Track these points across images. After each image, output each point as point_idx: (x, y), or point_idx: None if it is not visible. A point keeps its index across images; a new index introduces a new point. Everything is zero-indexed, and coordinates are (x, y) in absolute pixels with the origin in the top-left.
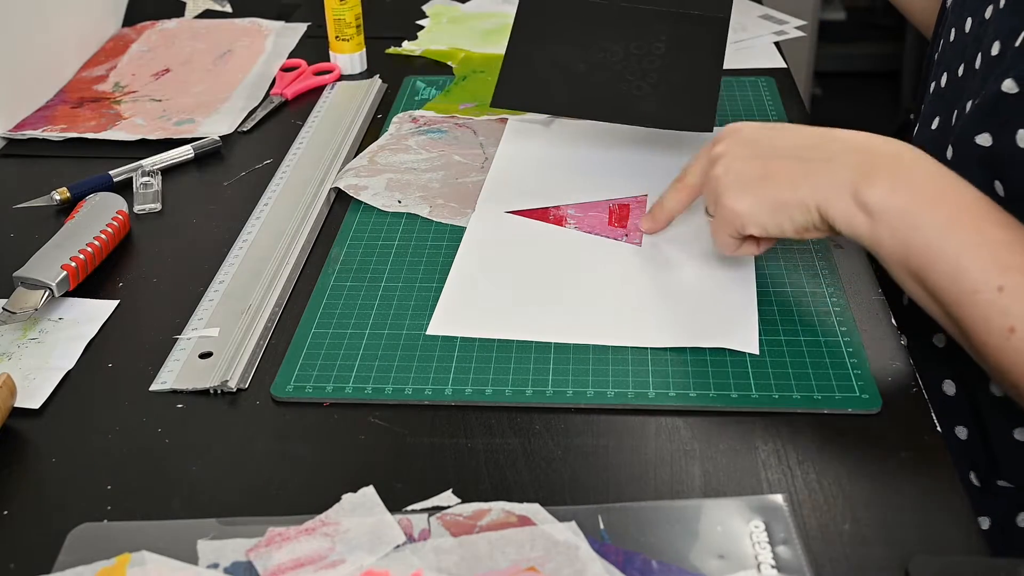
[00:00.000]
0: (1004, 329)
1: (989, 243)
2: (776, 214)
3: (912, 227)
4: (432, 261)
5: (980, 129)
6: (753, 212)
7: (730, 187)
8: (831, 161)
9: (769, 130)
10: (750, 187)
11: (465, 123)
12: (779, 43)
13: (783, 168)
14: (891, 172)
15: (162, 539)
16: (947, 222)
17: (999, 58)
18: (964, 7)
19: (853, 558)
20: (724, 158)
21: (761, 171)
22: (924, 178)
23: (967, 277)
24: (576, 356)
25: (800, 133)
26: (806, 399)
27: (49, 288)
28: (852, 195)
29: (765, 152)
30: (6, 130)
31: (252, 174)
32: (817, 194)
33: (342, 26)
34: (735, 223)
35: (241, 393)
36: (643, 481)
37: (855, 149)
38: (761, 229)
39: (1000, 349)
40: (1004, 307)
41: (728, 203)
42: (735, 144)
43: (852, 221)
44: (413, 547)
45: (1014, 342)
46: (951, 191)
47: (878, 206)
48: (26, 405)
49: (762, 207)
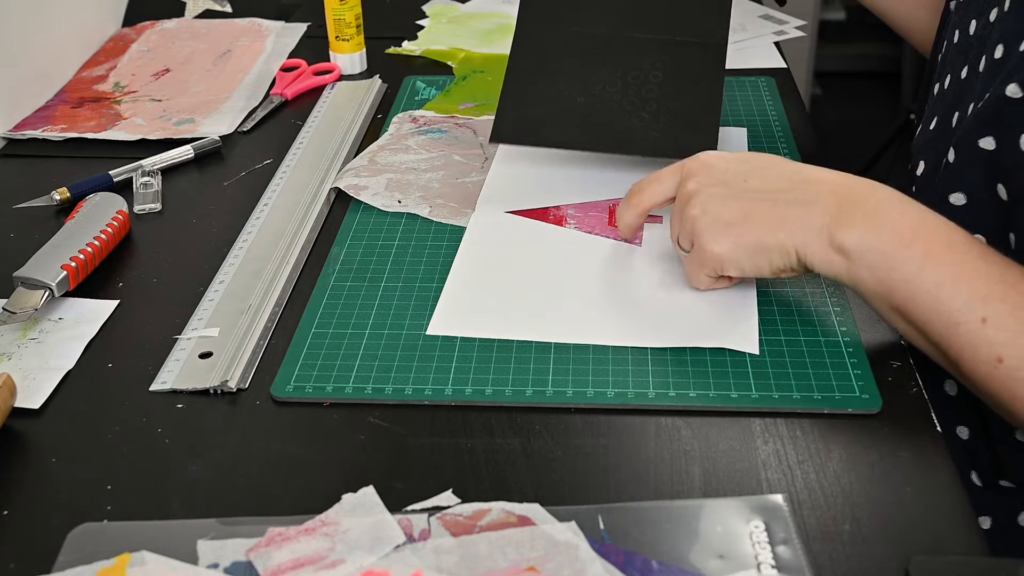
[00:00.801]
0: (992, 359)
1: (968, 275)
2: (755, 257)
3: (890, 266)
4: (432, 261)
5: (983, 133)
6: (732, 256)
7: (708, 229)
8: (807, 204)
9: (741, 165)
10: (729, 231)
11: (465, 123)
12: (779, 43)
13: (760, 211)
14: (865, 214)
15: (162, 539)
16: (924, 258)
17: (1002, 61)
18: (969, 9)
19: (853, 558)
20: (699, 197)
21: (739, 214)
22: (898, 216)
23: (949, 310)
24: (576, 356)
25: (773, 171)
26: (806, 399)
27: (49, 288)
28: (828, 239)
29: (740, 193)
30: (6, 130)
31: (252, 174)
32: (795, 238)
33: (342, 26)
34: (714, 265)
35: (241, 393)
36: (643, 481)
37: (829, 192)
38: (739, 271)
39: (990, 378)
40: (989, 338)
41: (708, 246)
42: (709, 183)
43: (830, 263)
44: (413, 547)
45: (1003, 371)
46: (926, 227)
47: (855, 248)
48: (26, 405)
49: (741, 251)
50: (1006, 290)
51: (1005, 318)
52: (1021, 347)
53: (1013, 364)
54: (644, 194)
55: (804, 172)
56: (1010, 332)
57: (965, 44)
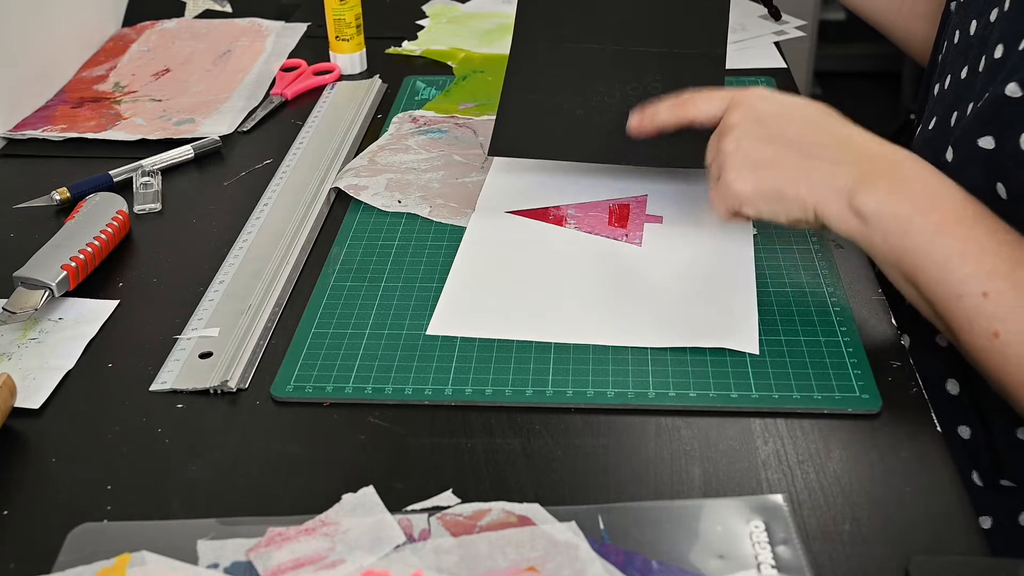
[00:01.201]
0: (988, 333)
1: (976, 249)
2: (773, 204)
3: (904, 233)
4: (432, 261)
5: (983, 132)
6: (752, 197)
7: (736, 167)
8: (835, 164)
9: (787, 109)
10: (755, 172)
11: (465, 123)
12: (779, 43)
13: (789, 161)
14: (889, 181)
15: (162, 539)
16: (937, 228)
17: (1002, 61)
18: (969, 10)
19: (853, 558)
20: (735, 132)
21: (769, 157)
22: (920, 186)
23: (953, 282)
24: (576, 356)
25: (816, 124)
26: (806, 399)
27: (49, 288)
28: (848, 200)
29: (776, 137)
30: (6, 130)
31: (252, 174)
32: (815, 195)
33: (342, 26)
34: (733, 201)
35: (241, 393)
36: (643, 481)
37: (861, 156)
38: (756, 213)
39: (985, 351)
40: (988, 312)
41: (731, 182)
42: (749, 119)
43: (846, 224)
44: (413, 547)
45: (997, 345)
46: (945, 198)
47: (872, 213)
48: (26, 405)
49: (761, 194)
50: (1012, 267)
51: (1006, 294)
52: (1017, 324)
53: (1007, 339)
54: (690, 106)
55: (845, 132)
56: (1008, 308)
57: (965, 44)
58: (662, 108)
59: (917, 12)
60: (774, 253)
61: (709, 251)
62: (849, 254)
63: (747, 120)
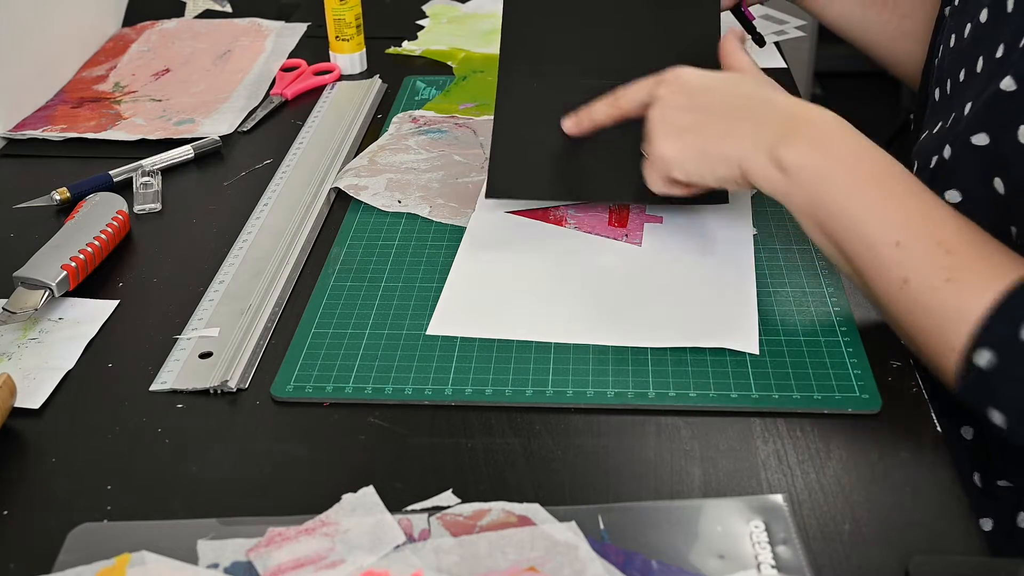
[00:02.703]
0: (899, 280)
1: (892, 201)
2: (699, 163)
3: (822, 184)
4: (432, 261)
5: (978, 129)
6: (679, 158)
7: (660, 132)
8: (757, 122)
9: (708, 80)
10: (679, 135)
11: (465, 123)
12: (779, 43)
13: (712, 122)
14: (811, 136)
15: (162, 539)
16: (856, 182)
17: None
18: (965, 14)
19: (853, 558)
20: (660, 103)
21: (692, 121)
22: (842, 144)
23: (867, 232)
24: (576, 356)
25: (736, 90)
26: (806, 399)
27: (49, 288)
28: (769, 154)
29: (699, 104)
30: (6, 130)
31: (252, 174)
32: (739, 151)
33: (342, 26)
34: (661, 166)
35: (241, 393)
36: (643, 481)
37: (782, 113)
38: (685, 175)
39: (895, 299)
40: (899, 260)
41: (657, 147)
42: (674, 91)
43: (768, 177)
44: (413, 547)
45: (908, 292)
46: (867, 158)
47: (793, 164)
48: (26, 405)
49: (687, 155)
50: (926, 221)
51: (917, 244)
52: (926, 273)
53: (916, 287)
54: (621, 98)
55: (766, 94)
56: (919, 258)
57: (961, 49)
58: (596, 106)
59: (903, 31)
60: (774, 253)
61: (709, 251)
62: None
63: (671, 92)
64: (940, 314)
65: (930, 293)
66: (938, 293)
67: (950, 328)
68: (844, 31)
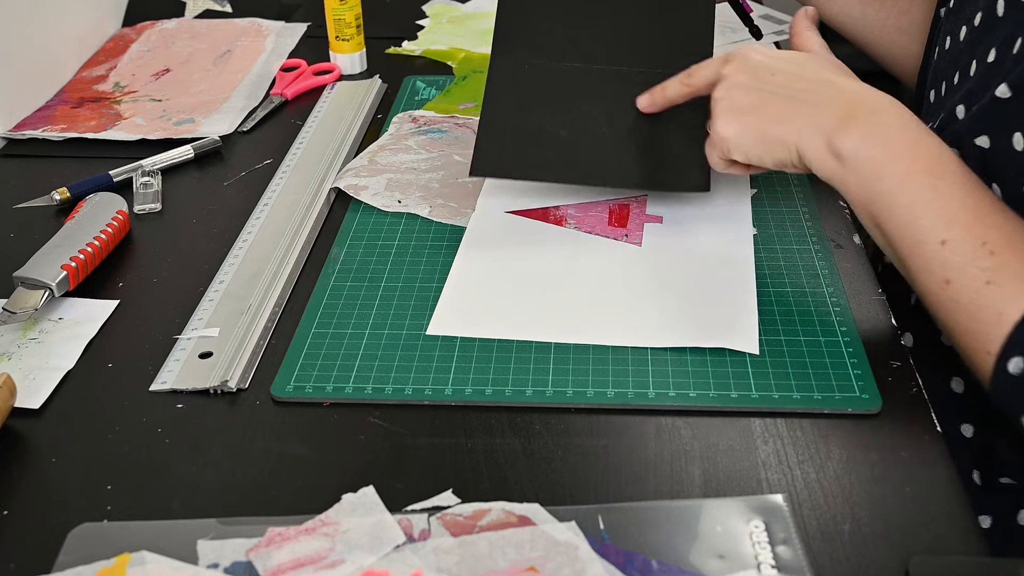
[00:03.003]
0: (941, 280)
1: (942, 198)
2: (758, 146)
3: (876, 177)
4: (432, 261)
5: (979, 132)
6: (738, 140)
7: (723, 113)
8: (817, 105)
9: (773, 61)
10: (740, 117)
11: (465, 123)
12: (779, 43)
13: (773, 104)
14: (868, 124)
15: (162, 539)
16: (907, 174)
17: (995, 64)
18: (959, 16)
19: (853, 558)
20: (726, 82)
21: (754, 103)
22: (898, 132)
23: (916, 228)
24: (576, 356)
25: (802, 71)
26: (806, 399)
27: (49, 288)
28: (827, 141)
29: (762, 84)
30: (6, 130)
31: (252, 174)
32: (798, 135)
33: (342, 26)
34: (722, 147)
35: (241, 393)
36: (643, 481)
37: (843, 98)
38: (744, 157)
39: (936, 298)
40: (943, 259)
41: (719, 127)
42: (739, 70)
43: (824, 164)
44: (413, 547)
45: (949, 292)
46: (920, 147)
47: (849, 154)
48: (26, 405)
49: (747, 137)
50: (974, 220)
51: (963, 244)
52: (969, 274)
53: (957, 288)
54: (694, 75)
55: (829, 76)
56: (963, 258)
57: (956, 51)
58: (669, 83)
59: (900, 27)
60: (774, 253)
61: (709, 251)
62: (849, 254)
63: (737, 71)
64: (979, 316)
65: (971, 294)
66: (978, 295)
67: (987, 331)
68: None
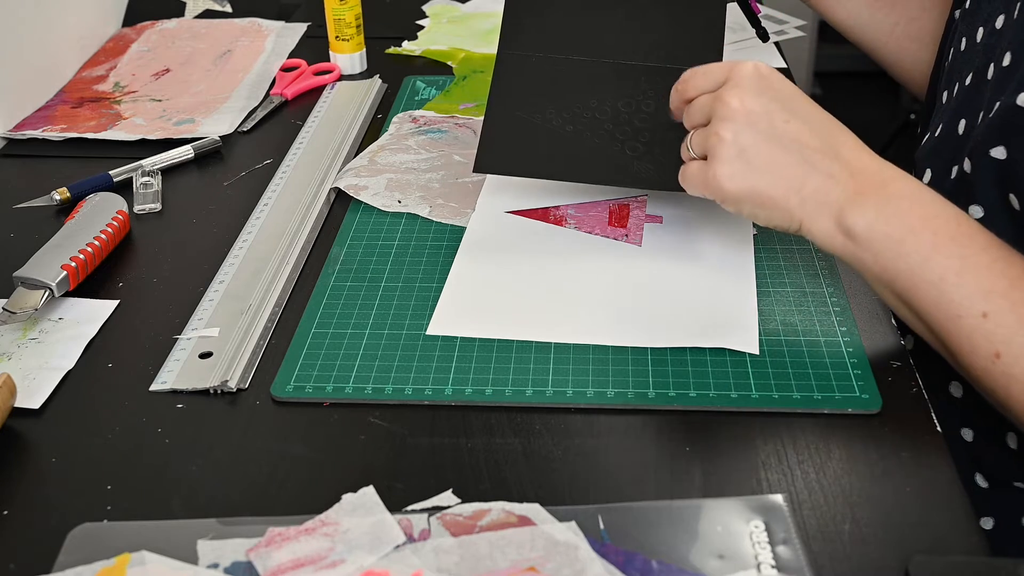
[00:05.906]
0: (990, 354)
1: (972, 268)
2: (757, 208)
3: (897, 254)
4: (432, 261)
5: (995, 142)
6: (738, 198)
7: (730, 161)
8: (828, 177)
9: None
10: (749, 174)
11: (465, 123)
12: (779, 43)
13: (786, 168)
14: (879, 199)
15: (162, 539)
16: (930, 249)
17: (1010, 69)
18: (976, 17)
19: (853, 558)
20: (736, 122)
21: (766, 161)
22: (910, 206)
23: (951, 302)
24: (576, 356)
25: (814, 125)
26: (806, 399)
27: (49, 288)
28: (837, 219)
29: (776, 136)
30: (6, 130)
31: (252, 174)
32: (804, 209)
33: (342, 26)
34: (716, 194)
35: (241, 393)
36: (643, 481)
37: (851, 173)
38: (736, 211)
39: (987, 372)
40: (988, 332)
41: (722, 176)
42: (751, 108)
43: (832, 242)
44: (413, 547)
45: (1000, 366)
46: (936, 217)
47: (862, 232)
48: (26, 405)
49: (749, 198)
50: (1009, 285)
51: (1005, 314)
52: (1018, 344)
53: (1009, 360)
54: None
55: (839, 140)
56: (1009, 328)
57: (971, 52)
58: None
59: (910, 34)
60: (774, 253)
61: (709, 251)
62: None
63: (748, 108)
64: None
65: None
66: None
67: None
68: (851, 32)
